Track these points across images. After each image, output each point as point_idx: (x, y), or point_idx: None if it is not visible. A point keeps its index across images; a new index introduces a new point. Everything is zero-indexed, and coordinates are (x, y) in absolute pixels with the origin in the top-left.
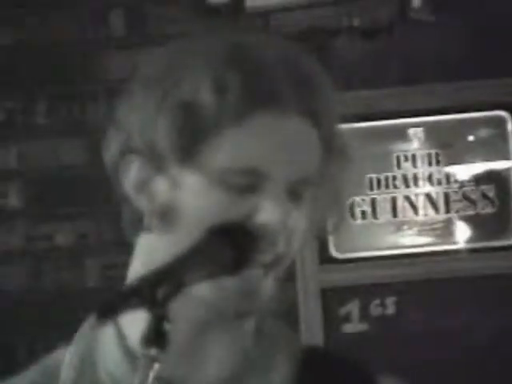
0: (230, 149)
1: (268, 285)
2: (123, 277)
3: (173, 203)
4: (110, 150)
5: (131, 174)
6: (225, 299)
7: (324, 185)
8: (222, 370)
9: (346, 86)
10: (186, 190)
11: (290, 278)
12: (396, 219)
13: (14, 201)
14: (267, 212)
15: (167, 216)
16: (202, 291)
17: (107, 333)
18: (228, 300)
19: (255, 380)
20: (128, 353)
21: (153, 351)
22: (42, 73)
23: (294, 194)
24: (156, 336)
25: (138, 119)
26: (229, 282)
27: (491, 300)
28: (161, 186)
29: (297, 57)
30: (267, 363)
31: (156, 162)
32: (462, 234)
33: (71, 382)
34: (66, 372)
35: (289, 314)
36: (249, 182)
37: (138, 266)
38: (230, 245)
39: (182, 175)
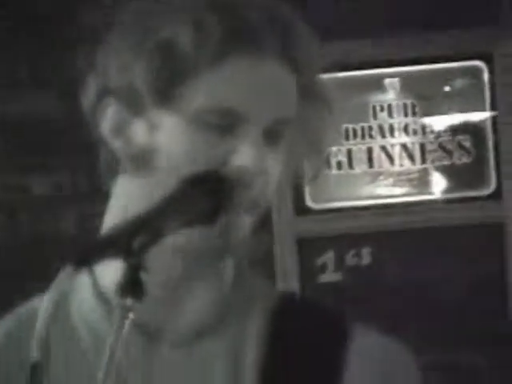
0: (207, 90)
1: (243, 225)
2: (99, 226)
3: (150, 146)
4: (88, 93)
5: (108, 117)
6: (199, 240)
7: (302, 132)
8: (200, 317)
9: (322, 36)
10: (163, 132)
11: (266, 228)
12: (372, 169)
13: None
14: (243, 155)
15: (145, 159)
16: (175, 238)
17: (82, 281)
18: (202, 240)
19: (233, 327)
20: (103, 301)
21: (128, 301)
22: (18, 22)
23: (270, 137)
24: (131, 286)
25: (115, 62)
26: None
27: (467, 250)
28: (138, 128)
29: (277, 4)
30: (245, 311)
31: (133, 105)
32: (438, 184)
33: (45, 330)
34: (41, 321)
35: (265, 264)
36: (226, 123)
37: (115, 213)
38: (207, 194)
39: (159, 117)
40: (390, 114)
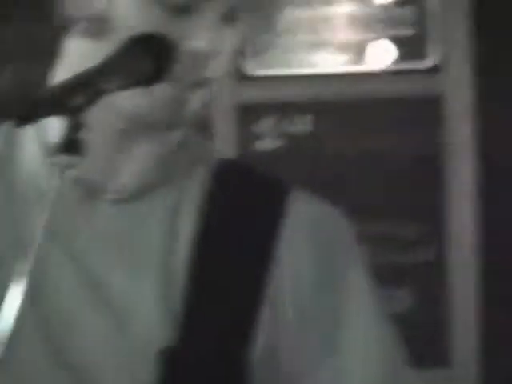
0: None
1: (193, 101)
2: (37, 83)
3: (105, 13)
4: None
5: None
6: (152, 108)
7: (254, 6)
8: (141, 176)
9: None
10: (119, 2)
11: None
12: (313, 38)
13: None
14: (200, 36)
15: (97, 24)
16: (128, 101)
17: (28, 135)
18: (154, 110)
19: (173, 189)
20: (48, 154)
21: (66, 158)
22: None
23: (229, 17)
24: (70, 143)
25: None
26: (157, 93)
27: (407, 123)
28: None
29: None
30: (186, 174)
31: None
32: (380, 55)
33: None
34: None
35: (203, 129)
36: (184, 3)
37: (61, 73)
38: (150, 55)
39: None
40: None
